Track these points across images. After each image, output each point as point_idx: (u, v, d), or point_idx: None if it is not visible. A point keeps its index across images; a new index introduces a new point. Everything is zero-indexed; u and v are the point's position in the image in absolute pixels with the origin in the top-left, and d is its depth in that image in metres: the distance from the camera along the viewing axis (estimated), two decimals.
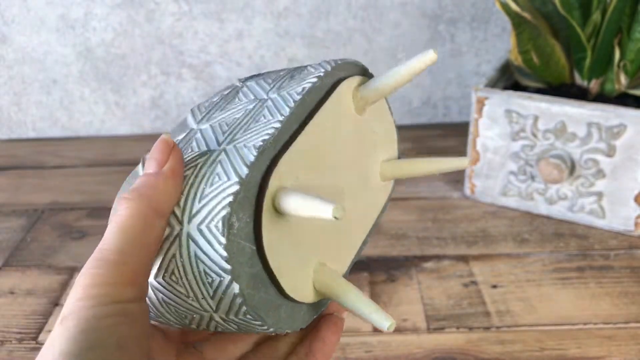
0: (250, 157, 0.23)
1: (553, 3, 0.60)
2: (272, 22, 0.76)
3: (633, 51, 0.56)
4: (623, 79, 0.58)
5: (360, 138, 0.30)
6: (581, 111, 0.55)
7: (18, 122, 0.83)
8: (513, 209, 0.62)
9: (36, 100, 0.82)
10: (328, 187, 0.28)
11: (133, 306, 0.22)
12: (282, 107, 0.26)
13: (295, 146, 0.25)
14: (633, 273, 0.53)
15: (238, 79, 0.31)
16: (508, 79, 0.64)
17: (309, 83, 0.27)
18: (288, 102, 0.26)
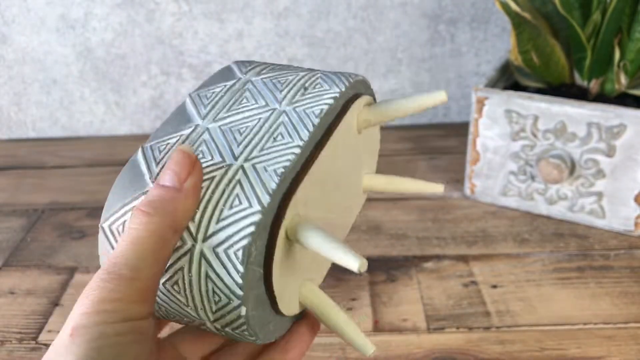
0: (272, 185, 0.23)
1: (553, 3, 0.60)
2: (272, 22, 0.76)
3: (633, 51, 0.56)
4: (623, 79, 0.58)
5: (354, 154, 0.31)
6: (581, 111, 0.55)
7: (18, 122, 0.83)
8: (513, 209, 0.62)
9: (36, 100, 0.82)
10: (332, 207, 0.29)
11: (142, 323, 0.22)
12: (302, 130, 0.26)
13: (311, 174, 0.25)
14: (633, 273, 0.53)
15: (234, 62, 0.31)
16: (508, 79, 0.64)
17: (326, 105, 0.27)
18: (307, 125, 0.26)
